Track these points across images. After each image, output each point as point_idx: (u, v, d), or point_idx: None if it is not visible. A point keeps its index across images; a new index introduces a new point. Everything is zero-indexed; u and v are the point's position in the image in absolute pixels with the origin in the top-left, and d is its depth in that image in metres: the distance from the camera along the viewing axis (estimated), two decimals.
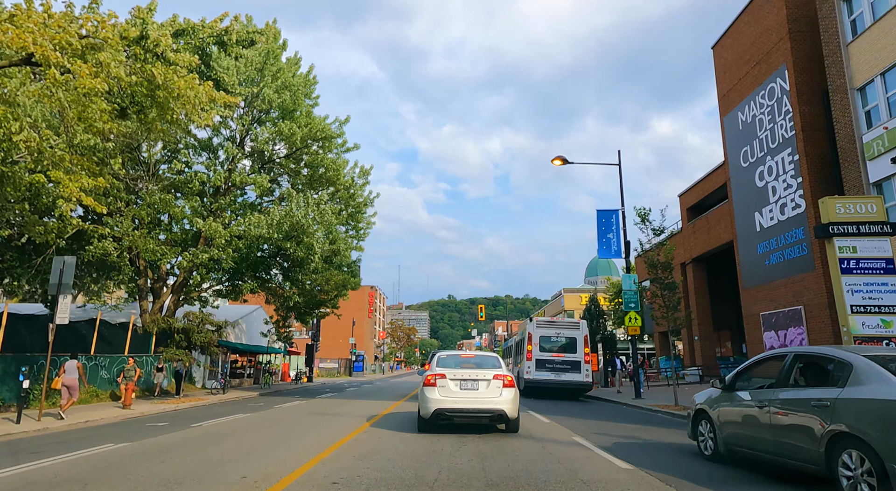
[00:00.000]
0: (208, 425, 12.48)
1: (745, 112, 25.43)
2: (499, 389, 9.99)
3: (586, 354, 21.97)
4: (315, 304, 30.99)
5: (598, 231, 22.28)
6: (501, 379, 10.09)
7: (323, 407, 17.79)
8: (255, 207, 26.42)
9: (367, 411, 15.56)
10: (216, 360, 30.83)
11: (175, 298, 26.50)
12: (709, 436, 7.54)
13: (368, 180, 30.93)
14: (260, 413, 15.59)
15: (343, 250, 25.91)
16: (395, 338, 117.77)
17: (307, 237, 22.94)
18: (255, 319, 36.14)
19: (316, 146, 26.32)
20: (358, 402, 20.19)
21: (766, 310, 23.83)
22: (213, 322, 22.42)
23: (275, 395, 26.35)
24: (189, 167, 25.05)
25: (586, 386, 21.64)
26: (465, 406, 9.85)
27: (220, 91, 13.99)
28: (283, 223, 21.81)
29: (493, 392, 9.95)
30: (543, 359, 21.93)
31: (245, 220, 21.77)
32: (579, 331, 22.31)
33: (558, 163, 22.68)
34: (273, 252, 25.14)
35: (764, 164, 23.98)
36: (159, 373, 19.98)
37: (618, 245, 22.08)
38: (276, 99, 23.41)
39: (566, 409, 17.27)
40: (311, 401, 21.16)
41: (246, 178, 22.88)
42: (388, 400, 20.70)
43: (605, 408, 18.02)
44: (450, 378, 10.08)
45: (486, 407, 9.84)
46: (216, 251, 21.80)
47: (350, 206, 29.68)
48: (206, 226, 21.47)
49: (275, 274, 27.00)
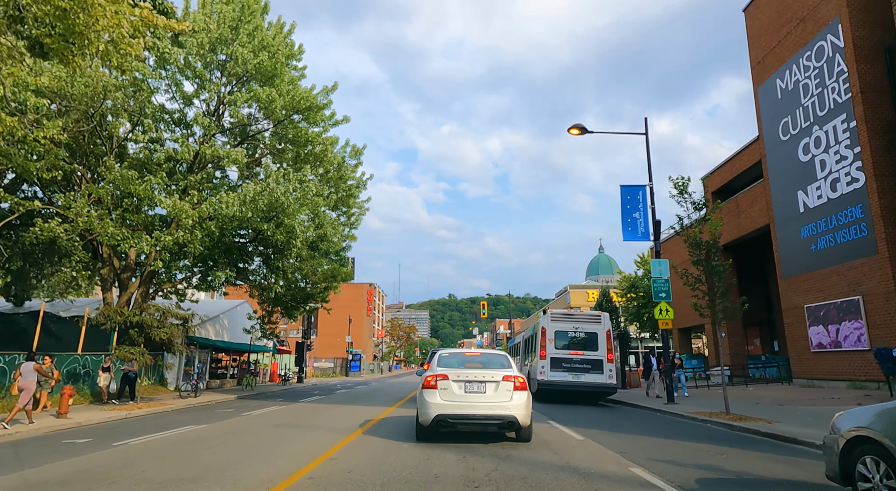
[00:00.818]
0: (135, 444, 9.55)
1: (786, 78, 22.44)
2: (509, 393, 8.74)
3: (609, 351, 19.03)
4: (303, 297, 28.08)
5: (622, 210, 19.33)
6: (512, 381, 8.84)
7: (299, 415, 14.86)
8: (234, 189, 23.48)
9: (350, 422, 12.64)
10: (192, 359, 27.89)
11: (143, 290, 23.56)
12: (885, 486, 4.57)
13: (361, 161, 28.11)
14: (217, 424, 12.65)
15: (331, 236, 22.96)
16: (395, 336, 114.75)
17: (288, 218, 20.04)
18: (238, 314, 33.20)
19: (299, 118, 23.39)
20: (344, 408, 17.26)
21: (813, 302, 20.88)
22: (180, 315, 19.49)
23: (254, 398, 23.43)
24: (161, 144, 22.15)
25: (609, 389, 18.70)
26: (470, 412, 8.57)
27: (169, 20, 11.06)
28: (257, 201, 18.88)
29: (503, 396, 8.71)
30: (560, 357, 18.99)
31: (215, 198, 18.82)
32: (601, 325, 19.37)
33: (575, 132, 19.73)
34: (251, 237, 22.19)
35: (809, 136, 21.00)
36: (105, 374, 17.03)
37: (645, 225, 19.12)
38: (253, 60, 20.47)
39: (593, 417, 14.33)
40: (290, 406, 18.24)
41: (217, 151, 19.91)
42: (379, 405, 17.78)
43: (639, 416, 15.07)
44: (453, 379, 8.84)
45: (495, 413, 8.56)
46: (182, 234, 18.86)
47: (340, 188, 26.77)
48: (171, 205, 18.54)
49: (257, 264, 24.05)
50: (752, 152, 25.78)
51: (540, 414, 14.62)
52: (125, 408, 16.21)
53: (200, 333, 28.95)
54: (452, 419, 8.59)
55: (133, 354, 17.06)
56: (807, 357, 21.26)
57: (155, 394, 23.29)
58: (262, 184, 19.43)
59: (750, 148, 26.09)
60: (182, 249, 19.71)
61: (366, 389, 31.17)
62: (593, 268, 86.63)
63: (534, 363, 20.55)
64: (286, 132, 23.58)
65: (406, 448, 8.55)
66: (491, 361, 9.90)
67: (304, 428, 11.61)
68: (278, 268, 22.19)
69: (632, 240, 19.24)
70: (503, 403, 8.60)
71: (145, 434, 10.87)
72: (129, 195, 20.08)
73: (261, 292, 25.55)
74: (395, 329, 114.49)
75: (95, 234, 19.19)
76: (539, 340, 19.54)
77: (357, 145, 27.90)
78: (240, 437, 10.33)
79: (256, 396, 25.07)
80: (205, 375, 29.53)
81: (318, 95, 23.75)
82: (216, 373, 31.97)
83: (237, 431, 11.10)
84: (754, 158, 25.44)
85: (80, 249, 19.63)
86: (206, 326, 29.74)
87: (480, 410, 8.55)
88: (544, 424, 12.28)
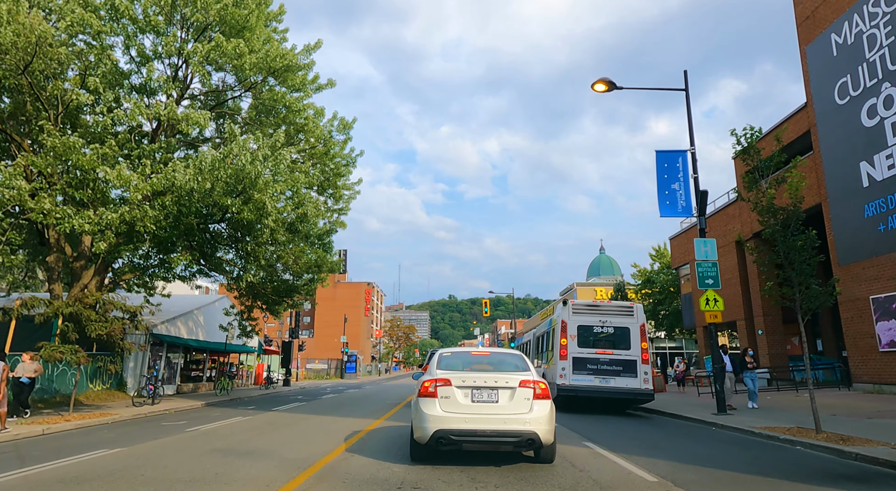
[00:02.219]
0: None
1: (844, 31, 19.18)
2: (528, 402, 6.95)
3: (644, 350, 15.76)
4: (286, 290, 24.82)
5: (658, 181, 16.08)
6: (531, 387, 7.03)
7: (258, 431, 11.61)
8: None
9: (316, 445, 9.39)
10: (156, 360, 24.64)
11: (98, 280, 20.30)
12: None
13: (350, 136, 24.83)
14: (134, 449, 9.38)
15: (312, 216, 19.66)
16: (393, 337, 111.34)
17: (258, 193, 16.79)
18: (217, 310, 29.94)
19: (275, 83, 20.17)
20: (320, 420, 14.02)
21: (882, 292, 17.63)
22: (128, 307, 16.23)
23: (224, 405, 20.18)
24: (112, 110, 18.88)
25: (645, 396, 15.44)
26: (479, 426, 6.74)
27: None
28: (218, 170, 15.64)
29: (520, 406, 6.92)
30: (584, 357, 15.73)
31: (170, 168, 15.55)
32: (633, 318, 16.11)
33: (602, 88, 16.47)
34: (217, 217, 18.92)
35: (877, 95, 17.74)
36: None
37: (686, 198, 15.86)
38: (215, 4, 17.22)
39: (640, 436, 11.08)
40: (256, 416, 14.99)
41: (175, 113, 16.62)
42: (365, 417, 14.55)
43: (695, 434, 11.81)
44: (457, 385, 7.08)
45: (512, 428, 6.75)
46: (127, 209, 15.60)
47: (327, 167, 23.54)
48: (115, 175, 15.29)
49: (227, 249, 20.77)
50: (797, 122, 22.52)
51: (566, 429, 11.37)
52: (43, 422, 12.93)
53: (171, 330, 25.75)
54: (457, 436, 6.73)
55: (63, 353, 13.78)
56: (873, 357, 18.01)
57: (107, 400, 20.06)
58: (223, 150, 16.18)
59: (794, 118, 22.83)
60: (133, 229, 16.42)
61: (356, 393, 27.90)
62: (594, 269, 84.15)
63: (550, 364, 17.29)
64: (262, 100, 20.34)
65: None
66: (503, 361, 8.09)
67: (248, 456, 8.34)
68: (248, 252, 18.88)
69: (670, 215, 16.00)
70: (521, 416, 6.81)
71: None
72: (76, 168, 16.83)
73: (229, 282, 22.28)
74: (393, 329, 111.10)
75: (27, 211, 15.96)
76: (557, 337, 16.29)
77: (346, 118, 24.70)
78: (133, 476, 7.06)
79: (229, 402, 21.83)
80: (175, 377, 26.32)
81: (298, 55, 20.52)
82: (190, 376, 28.73)
83: (145, 464, 7.82)
84: (800, 129, 22.18)
85: (9, 228, 16.42)
86: (177, 323, 26.52)
87: (492, 425, 6.76)
88: (582, 447, 9.05)
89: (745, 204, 26.08)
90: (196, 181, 15.36)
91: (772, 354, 24.34)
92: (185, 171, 15.23)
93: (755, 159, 12.63)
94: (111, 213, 15.63)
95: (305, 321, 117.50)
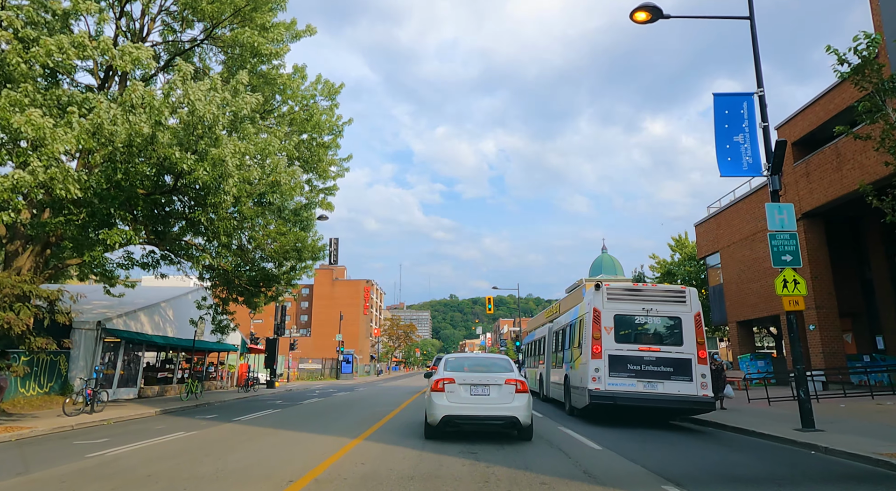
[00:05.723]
0: None
1: None
2: (511, 395, 9.42)
3: (700, 346, 12.34)
4: (263, 278, 21.46)
5: (717, 132, 12.65)
6: (514, 384, 9.49)
7: (167, 465, 8.21)
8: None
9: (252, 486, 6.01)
10: (112, 358, 21.27)
11: (34, 263, 16.94)
12: None
13: (337, 102, 21.49)
14: None
15: (287, 187, 16.20)
16: (393, 336, 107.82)
17: (216, 147, 13.39)
18: (189, 303, 26.50)
19: (239, 23, 16.80)
20: (284, 436, 10.65)
21: None
22: (44, 293, 12.85)
23: (181, 413, 16.83)
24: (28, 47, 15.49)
25: (703, 404, 12.01)
26: (475, 413, 9.33)
27: None
28: (161, 112, 12.26)
29: (506, 398, 9.41)
30: (623, 355, 12.32)
31: (100, 109, 12.13)
32: (686, 305, 12.69)
33: (643, 17, 13.05)
34: (169, 184, 15.50)
35: None
36: None
37: (754, 153, 12.42)
38: None
39: (729, 468, 7.69)
40: (203, 432, 11.61)
41: (109, 49, 13.19)
42: (340, 435, 11.19)
43: (802, 461, 8.39)
44: (459, 383, 9.53)
45: (498, 414, 9.32)
46: (46, 167, 12.21)
47: (307, 132, 20.16)
48: (24, 121, 11.90)
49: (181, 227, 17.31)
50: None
51: (618, 456, 7.94)
52: None
53: (132, 325, 22.38)
54: (459, 420, 9.33)
55: None
56: None
57: (41, 408, 16.70)
58: (166, 85, 12.78)
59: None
60: (54, 196, 13.01)
61: (347, 396, 24.51)
62: (596, 268, 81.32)
63: (577, 364, 13.88)
64: (225, 43, 17.00)
65: None
66: (494, 364, 10.49)
67: None
68: (201, 222, 15.38)
69: (733, 174, 12.55)
70: (506, 405, 9.29)
71: None
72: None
73: (200, 272, 18.93)
74: (393, 327, 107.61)
75: None
76: (587, 331, 12.87)
77: (333, 83, 21.34)
78: None
79: (192, 409, 18.48)
80: (136, 379, 22.92)
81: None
82: (157, 378, 25.34)
83: None
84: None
85: None
86: (140, 317, 23.14)
87: (485, 412, 9.29)
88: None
89: (797, 176, 22.63)
90: (127, 123, 11.95)
91: (826, 353, 20.88)
92: (109, 108, 11.82)
93: (874, 78, 9.23)
94: (23, 173, 12.22)
95: (303, 320, 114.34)
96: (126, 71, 14.84)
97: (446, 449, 8.65)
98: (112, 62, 13.57)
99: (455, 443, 9.27)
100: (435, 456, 8.08)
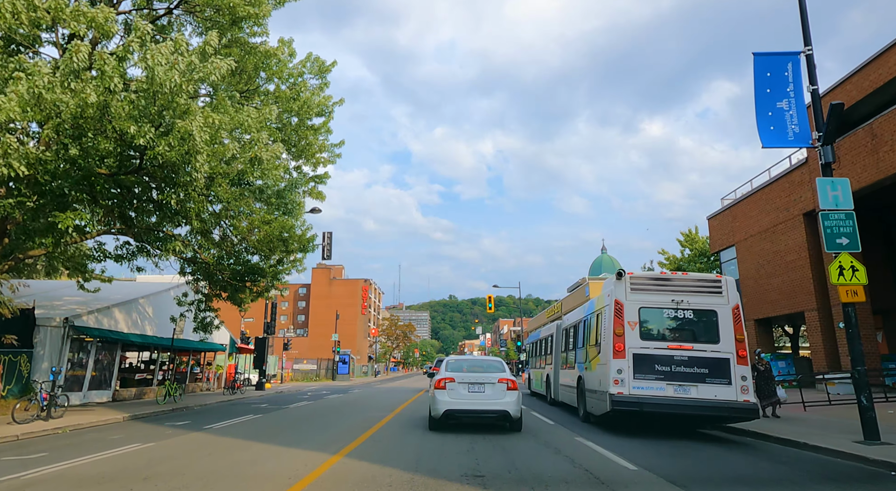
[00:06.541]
0: None
1: None
2: (503, 392, 10.82)
3: (740, 343, 10.67)
4: (247, 272, 19.75)
5: (757, 98, 10.99)
6: (506, 382, 10.88)
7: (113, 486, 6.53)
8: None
9: None
10: (85, 359, 19.56)
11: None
12: None
13: (328, 81, 19.90)
14: None
15: (269, 165, 14.47)
16: (391, 336, 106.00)
17: (182, 119, 11.70)
18: (170, 300, 24.78)
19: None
20: (256, 449, 8.97)
21: None
22: None
23: (152, 419, 15.13)
24: None
25: (745, 411, 10.33)
26: (472, 407, 10.74)
27: None
28: (111, 77, 10.58)
29: (498, 394, 10.81)
30: (650, 354, 10.64)
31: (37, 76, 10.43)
32: (722, 296, 11.02)
33: None
34: (134, 163, 13.80)
35: None
36: None
37: (801, 121, 10.77)
38: None
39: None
40: (164, 443, 9.92)
41: (59, 6, 11.49)
42: (320, 450, 9.53)
43: (885, 483, 6.70)
44: (458, 381, 10.92)
45: (492, 408, 10.72)
46: None
47: (293, 112, 18.48)
48: None
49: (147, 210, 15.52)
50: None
51: (661, 481, 6.23)
52: None
53: (104, 322, 20.68)
54: (458, 413, 10.82)
55: None
56: None
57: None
58: (121, 47, 11.09)
59: (894, 49, 17.70)
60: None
61: (339, 399, 22.81)
62: (596, 268, 79.47)
63: (594, 365, 12.19)
64: (201, 9, 15.31)
65: None
66: (490, 366, 11.93)
67: None
68: (168, 205, 13.64)
69: (776, 145, 10.88)
70: (499, 401, 10.78)
71: None
72: None
73: (158, 253, 17.18)
74: (391, 327, 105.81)
75: None
76: (609, 325, 11.19)
77: (323, 60, 19.71)
78: None
79: (167, 414, 16.78)
80: (110, 381, 21.21)
81: None
82: (135, 379, 23.63)
83: None
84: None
85: None
86: (114, 314, 21.42)
87: (481, 406, 10.77)
88: None
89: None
90: (69, 91, 10.26)
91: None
92: (53, 75, 10.14)
93: None
94: None
95: (300, 320, 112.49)
96: (84, 36, 13.15)
97: (445, 470, 6.96)
98: (64, 25, 11.86)
99: (455, 458, 7.58)
100: (431, 480, 6.40)
